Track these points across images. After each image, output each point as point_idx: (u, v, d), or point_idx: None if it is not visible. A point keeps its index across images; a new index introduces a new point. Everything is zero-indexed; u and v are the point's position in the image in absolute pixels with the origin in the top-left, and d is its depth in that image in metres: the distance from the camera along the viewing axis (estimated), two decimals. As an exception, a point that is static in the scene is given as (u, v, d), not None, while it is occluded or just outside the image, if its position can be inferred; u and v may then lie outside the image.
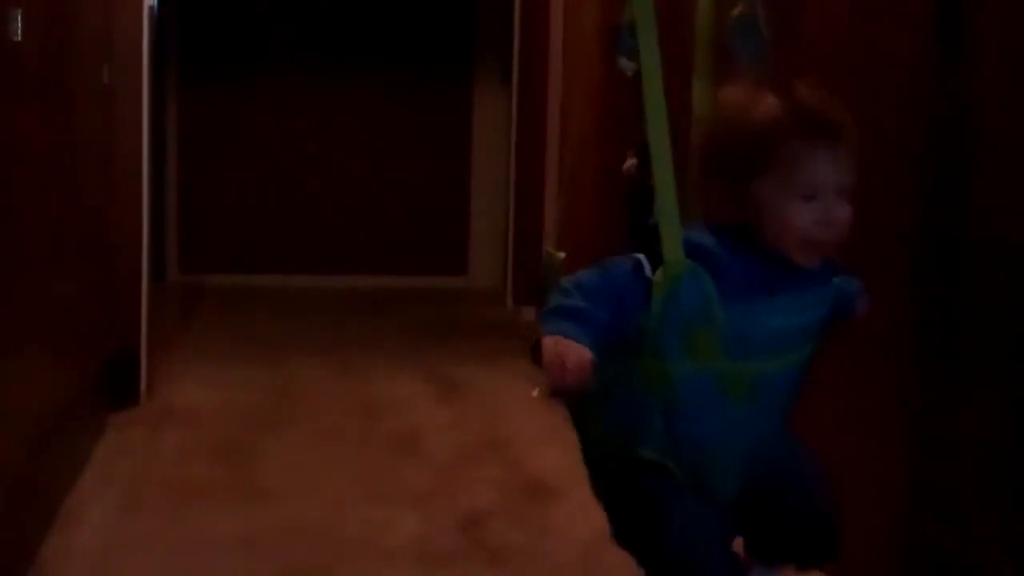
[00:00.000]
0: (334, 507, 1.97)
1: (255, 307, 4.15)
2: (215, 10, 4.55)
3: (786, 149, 1.10)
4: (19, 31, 1.53)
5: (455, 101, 4.67)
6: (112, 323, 2.57)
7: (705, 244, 1.11)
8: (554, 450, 1.51)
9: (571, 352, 1.02)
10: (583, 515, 1.87)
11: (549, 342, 1.03)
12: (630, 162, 1.21)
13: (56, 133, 1.92)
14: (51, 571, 1.64)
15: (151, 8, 2.67)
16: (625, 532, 1.21)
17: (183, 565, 1.70)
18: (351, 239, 4.71)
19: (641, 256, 1.11)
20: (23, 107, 1.62)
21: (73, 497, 1.96)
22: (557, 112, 3.06)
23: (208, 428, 2.48)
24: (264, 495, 2.03)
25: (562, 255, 1.23)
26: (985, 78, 1.37)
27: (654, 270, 1.10)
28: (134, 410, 2.57)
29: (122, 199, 2.60)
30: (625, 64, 1.24)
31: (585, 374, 1.03)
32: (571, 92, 3.02)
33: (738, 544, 1.24)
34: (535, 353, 1.05)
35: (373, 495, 2.04)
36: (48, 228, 1.86)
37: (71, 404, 2.08)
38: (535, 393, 1.20)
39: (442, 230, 4.71)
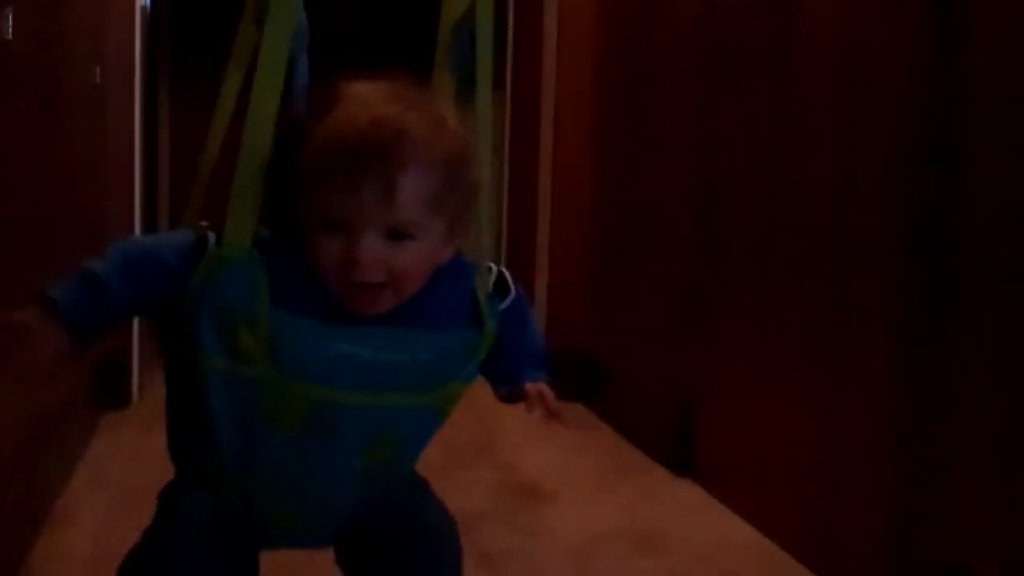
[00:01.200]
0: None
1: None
2: (208, 11, 4.54)
3: (311, 179, 0.94)
4: (10, 29, 1.52)
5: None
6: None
7: (277, 245, 0.96)
8: (545, 452, 1.51)
9: (36, 327, 0.91)
10: (575, 517, 1.87)
11: (22, 315, 0.92)
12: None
13: (47, 132, 1.91)
14: (42, 573, 1.63)
15: (143, 8, 2.67)
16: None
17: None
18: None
19: (213, 235, 0.96)
20: (13, 106, 1.61)
21: (65, 498, 1.95)
22: (551, 117, 3.07)
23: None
24: (256, 497, 2.02)
25: (204, 224, 1.05)
26: (978, 77, 1.37)
27: None
28: (126, 411, 2.57)
29: (114, 199, 2.59)
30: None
31: (37, 353, 0.90)
32: (563, 100, 3.02)
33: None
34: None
35: (365, 497, 2.04)
36: (39, 227, 1.85)
37: (62, 405, 2.07)
38: None
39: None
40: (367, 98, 0.97)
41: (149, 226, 3.32)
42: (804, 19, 1.77)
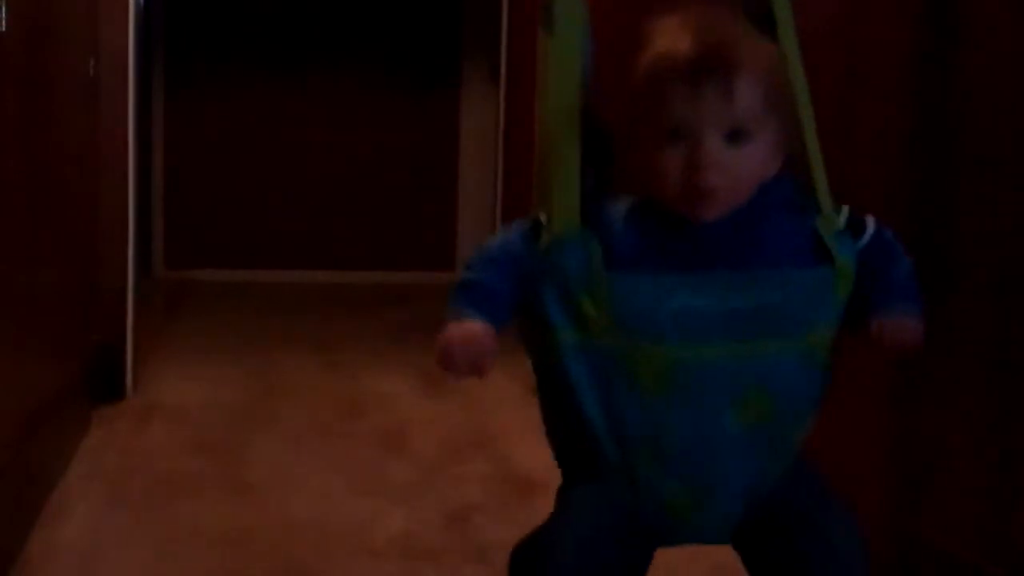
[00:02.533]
0: (320, 502, 1.97)
1: (241, 302, 4.15)
2: (202, 5, 4.54)
3: (647, 99, 0.97)
4: (3, 21, 1.52)
5: (442, 98, 4.68)
6: (97, 318, 2.56)
7: (602, 210, 1.00)
8: (540, 445, 1.50)
9: (456, 331, 0.94)
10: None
11: (445, 330, 0.95)
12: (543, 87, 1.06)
13: (40, 125, 1.91)
14: (37, 566, 1.63)
15: (137, 1, 2.66)
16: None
17: (170, 559, 1.70)
18: (338, 235, 4.71)
19: (542, 216, 1.00)
20: (5, 98, 1.61)
21: (59, 492, 1.95)
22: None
23: (194, 423, 2.47)
24: (250, 490, 2.02)
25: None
26: (976, 71, 1.37)
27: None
28: (120, 405, 2.56)
29: (108, 194, 2.59)
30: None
31: (473, 348, 0.94)
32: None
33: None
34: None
35: (359, 490, 2.04)
36: (32, 222, 1.85)
37: (57, 399, 2.07)
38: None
39: (429, 226, 4.71)
40: (682, 22, 1.00)
41: (143, 216, 3.31)
42: (800, 15, 1.78)
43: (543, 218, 1.00)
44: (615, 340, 0.96)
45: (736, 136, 0.96)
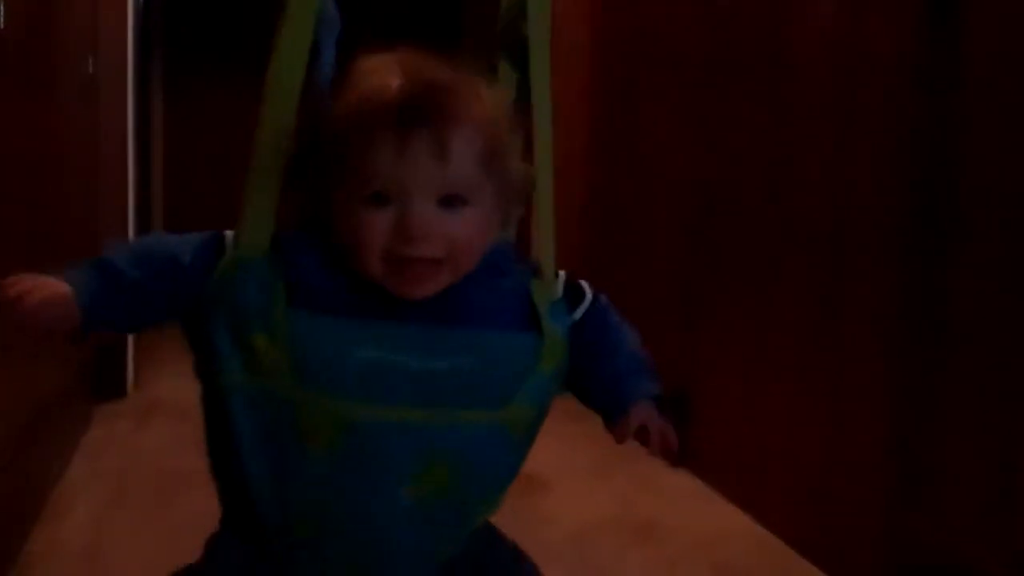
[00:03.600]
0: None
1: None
2: (200, 1, 4.52)
3: (349, 151, 0.83)
4: (1, 19, 1.51)
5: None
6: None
7: (301, 240, 0.86)
8: (541, 442, 1.49)
9: (32, 280, 0.80)
10: (572, 507, 1.87)
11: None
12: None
13: (39, 123, 1.90)
14: (39, 563, 1.63)
15: (136, -2, 2.66)
16: None
17: (172, 555, 1.68)
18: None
19: (231, 233, 0.87)
20: (5, 95, 1.60)
21: (60, 489, 1.95)
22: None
23: (194, 420, 2.44)
24: (251, 487, 2.02)
25: None
26: (975, 75, 1.37)
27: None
28: (121, 402, 2.57)
29: (107, 190, 2.59)
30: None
31: (34, 297, 0.79)
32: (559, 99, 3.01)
33: None
34: None
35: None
36: (32, 219, 1.85)
37: (58, 397, 2.07)
38: None
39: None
40: (395, 63, 0.85)
41: (143, 215, 3.31)
42: (800, 19, 1.77)
43: (229, 235, 0.86)
44: (290, 388, 0.81)
45: (451, 200, 0.83)
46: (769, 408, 1.86)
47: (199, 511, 2.02)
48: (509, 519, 1.77)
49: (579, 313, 0.91)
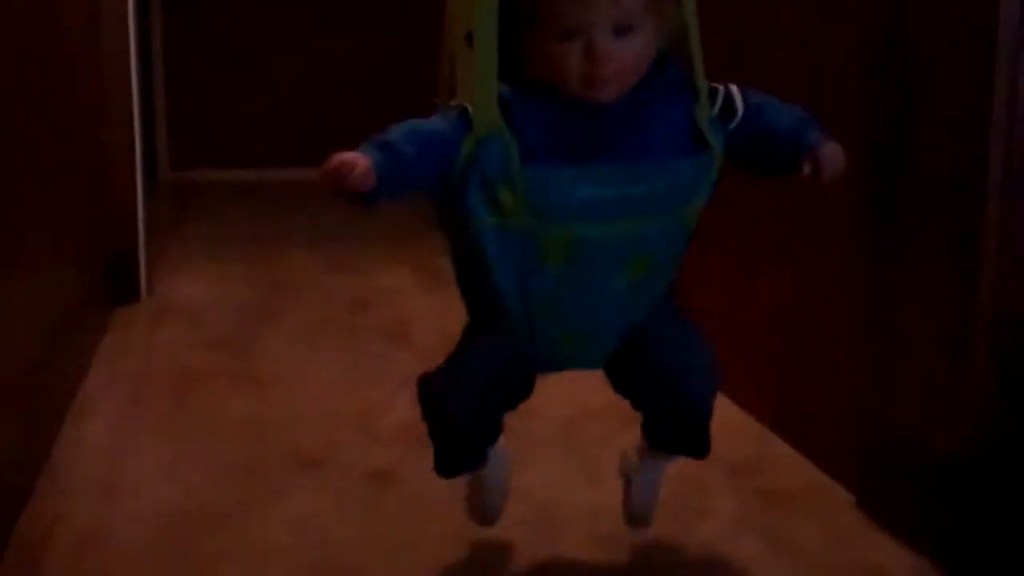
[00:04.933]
0: (329, 393, 2.08)
1: (246, 202, 4.21)
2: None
3: None
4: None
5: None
6: (110, 224, 2.65)
7: (514, 105, 1.10)
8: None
9: (348, 157, 1.02)
10: (564, 396, 1.97)
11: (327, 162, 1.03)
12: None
13: (46, 43, 1.96)
14: (67, 462, 1.74)
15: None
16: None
17: (191, 451, 1.81)
18: (339, 131, 4.70)
19: (469, 107, 1.10)
20: (13, 21, 1.67)
21: (83, 392, 2.06)
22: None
23: (206, 322, 2.58)
24: (263, 383, 2.13)
25: (453, 103, 1.17)
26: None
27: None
28: (135, 307, 2.66)
29: (112, 101, 2.64)
30: None
31: (346, 171, 1.01)
32: None
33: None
34: None
35: (365, 381, 2.15)
36: (45, 132, 1.92)
37: (76, 303, 2.17)
38: None
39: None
40: None
41: (146, 123, 3.37)
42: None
43: (469, 109, 1.09)
44: (528, 224, 1.10)
45: (621, 30, 1.08)
46: (753, 307, 1.96)
47: (214, 407, 2.15)
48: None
49: (733, 125, 1.17)
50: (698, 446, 1.30)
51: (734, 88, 1.18)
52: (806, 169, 1.14)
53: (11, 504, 1.52)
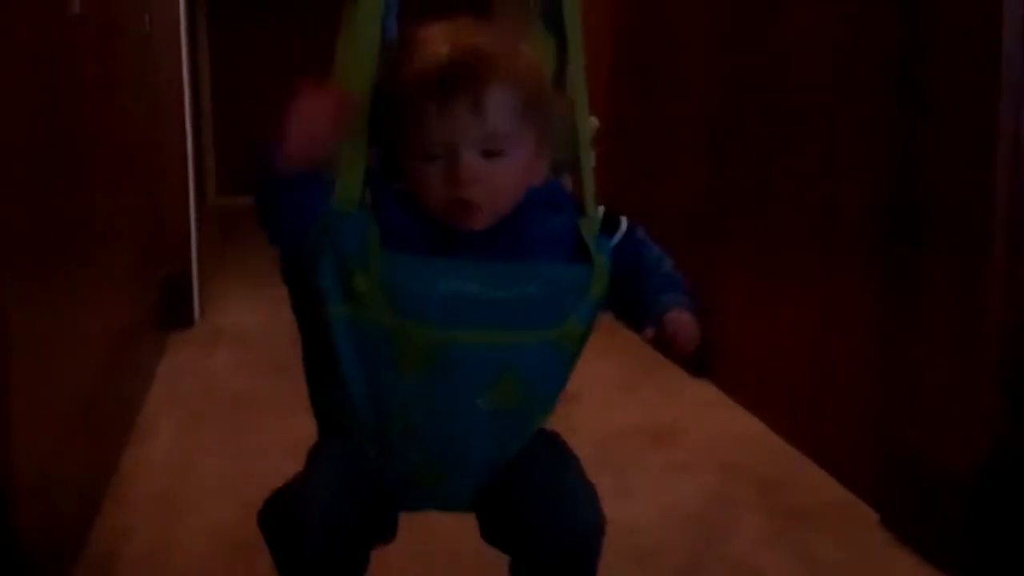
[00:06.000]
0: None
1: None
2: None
3: (405, 114, 0.99)
4: (78, 3, 1.69)
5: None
6: (164, 250, 2.76)
7: (391, 194, 1.02)
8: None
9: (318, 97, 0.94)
10: (598, 416, 2.06)
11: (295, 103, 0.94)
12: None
13: (107, 76, 2.07)
14: (132, 478, 1.84)
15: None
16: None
17: (248, 469, 1.90)
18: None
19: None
20: (80, 56, 1.78)
21: (144, 413, 2.17)
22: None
23: (257, 346, 2.68)
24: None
25: None
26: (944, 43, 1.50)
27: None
28: (189, 331, 2.78)
29: (166, 132, 2.78)
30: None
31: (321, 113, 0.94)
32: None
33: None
34: None
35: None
36: (105, 160, 2.02)
37: (134, 328, 2.27)
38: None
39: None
40: (442, 33, 1.01)
41: (198, 155, 3.49)
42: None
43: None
44: (384, 317, 0.98)
45: (491, 153, 0.98)
46: (777, 325, 2.04)
47: (268, 427, 2.25)
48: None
49: (616, 239, 1.07)
50: None
51: (623, 218, 1.10)
52: (647, 333, 1.02)
53: (82, 517, 1.62)
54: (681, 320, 1.02)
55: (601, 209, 1.09)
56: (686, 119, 2.49)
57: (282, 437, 2.03)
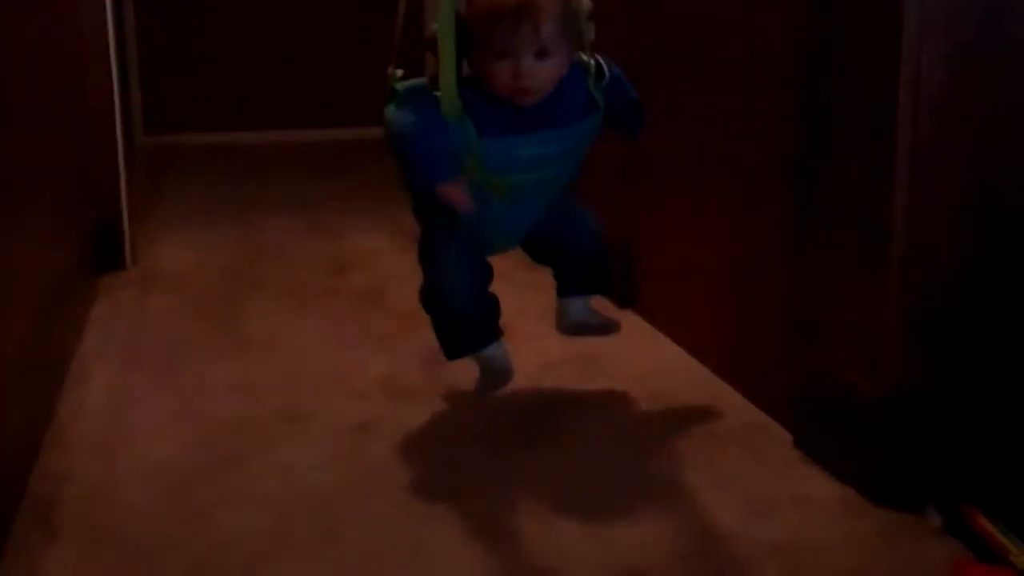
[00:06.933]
0: (310, 353, 2.21)
1: (223, 166, 4.29)
2: None
3: (485, 29, 1.54)
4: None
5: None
6: (93, 190, 2.74)
7: (471, 93, 1.56)
8: (501, 290, 1.73)
9: (451, 196, 1.55)
10: (530, 349, 2.12)
11: (443, 192, 1.55)
12: (433, 26, 1.53)
13: (26, 15, 2.04)
14: (68, 424, 1.87)
15: None
16: (420, 261, 1.72)
17: (186, 410, 1.94)
18: (316, 91, 4.79)
19: (432, 95, 1.57)
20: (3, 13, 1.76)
21: (80, 356, 2.19)
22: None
23: (191, 288, 2.70)
24: (248, 345, 2.26)
25: (400, 72, 1.67)
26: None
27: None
28: (121, 275, 2.77)
29: (92, 70, 2.74)
30: None
31: (464, 201, 1.55)
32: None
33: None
34: None
35: (345, 341, 2.28)
36: (27, 102, 2.00)
37: (66, 271, 2.27)
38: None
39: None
40: None
41: (124, 91, 3.45)
42: None
43: (432, 95, 1.57)
44: (482, 176, 1.59)
45: (541, 54, 1.54)
46: (697, 257, 2.11)
47: (204, 369, 2.29)
48: (474, 363, 2.00)
49: (605, 82, 1.65)
50: (603, 279, 1.88)
51: (602, 57, 1.65)
52: (639, 135, 1.75)
53: (21, 463, 1.65)
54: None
55: (593, 62, 1.65)
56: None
57: (217, 378, 2.07)
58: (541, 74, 1.54)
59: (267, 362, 2.17)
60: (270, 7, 4.72)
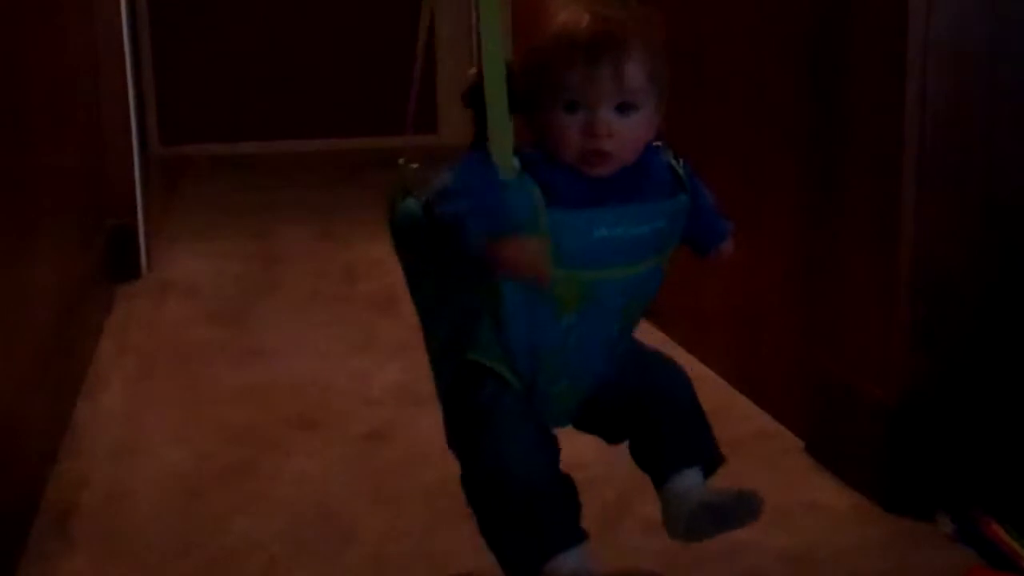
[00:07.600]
0: (322, 361, 2.22)
1: (236, 176, 4.30)
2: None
3: (550, 72, 1.11)
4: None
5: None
6: (109, 201, 2.77)
7: (531, 156, 1.12)
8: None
9: (525, 249, 1.05)
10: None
11: (503, 248, 1.05)
12: (472, 70, 1.17)
13: (45, 26, 2.06)
14: (86, 429, 1.88)
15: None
16: (456, 437, 1.20)
17: (200, 416, 1.95)
18: (327, 102, 4.80)
19: (483, 152, 1.11)
20: (19, 9, 1.78)
21: (96, 364, 2.20)
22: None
23: (205, 296, 2.71)
24: (260, 353, 2.27)
25: (415, 165, 1.30)
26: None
27: None
28: (137, 283, 2.79)
29: (108, 80, 2.76)
30: None
31: (538, 265, 1.06)
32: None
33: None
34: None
35: (356, 349, 2.29)
36: (46, 112, 2.02)
37: (82, 279, 2.29)
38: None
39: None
40: (578, 2, 1.13)
41: (140, 102, 3.47)
42: None
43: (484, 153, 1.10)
44: (551, 269, 1.07)
45: (625, 108, 1.11)
46: (712, 272, 2.11)
47: (217, 376, 2.30)
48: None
49: (682, 163, 1.20)
50: (710, 446, 1.27)
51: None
52: (713, 254, 1.26)
53: (39, 469, 1.66)
54: (729, 247, 1.27)
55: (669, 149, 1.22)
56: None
57: (231, 385, 2.08)
58: (624, 134, 1.11)
59: (277, 370, 2.18)
60: (282, 21, 4.75)
